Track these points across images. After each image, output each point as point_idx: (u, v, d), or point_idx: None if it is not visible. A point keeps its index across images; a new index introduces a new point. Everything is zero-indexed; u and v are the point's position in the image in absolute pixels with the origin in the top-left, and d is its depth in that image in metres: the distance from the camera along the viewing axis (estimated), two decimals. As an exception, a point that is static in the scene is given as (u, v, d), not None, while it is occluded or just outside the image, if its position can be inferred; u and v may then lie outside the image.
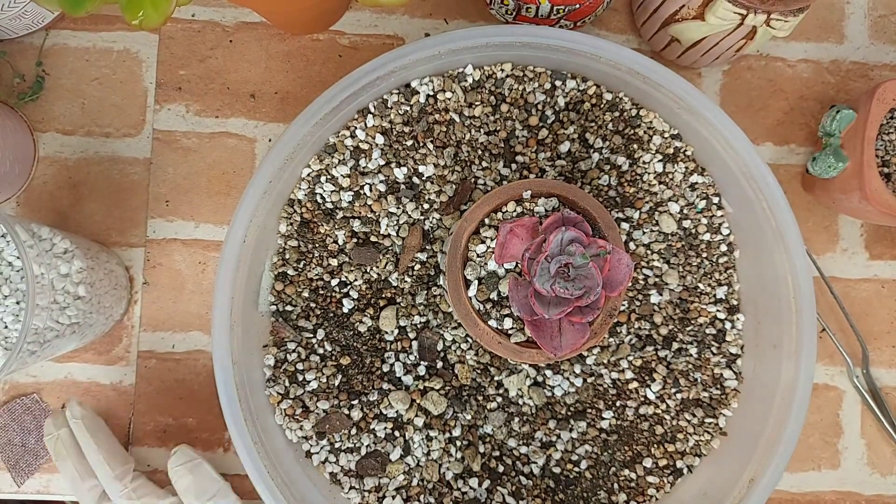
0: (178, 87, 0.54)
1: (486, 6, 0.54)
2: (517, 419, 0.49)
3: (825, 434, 0.54)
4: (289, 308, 0.49)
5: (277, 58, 0.54)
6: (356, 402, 0.48)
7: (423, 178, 0.48)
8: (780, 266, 0.46)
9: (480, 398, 0.49)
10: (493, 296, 0.41)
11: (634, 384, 0.49)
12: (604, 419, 0.49)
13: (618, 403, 0.49)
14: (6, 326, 0.43)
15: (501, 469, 0.49)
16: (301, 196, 0.49)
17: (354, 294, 0.49)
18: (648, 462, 0.49)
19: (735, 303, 0.50)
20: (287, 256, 0.49)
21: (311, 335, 0.49)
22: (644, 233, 0.49)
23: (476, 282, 0.41)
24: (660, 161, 0.49)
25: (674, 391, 0.49)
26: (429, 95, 0.48)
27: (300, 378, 0.49)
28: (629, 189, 0.49)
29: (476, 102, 0.48)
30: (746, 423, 0.48)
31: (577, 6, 0.47)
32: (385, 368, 0.49)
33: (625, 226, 0.49)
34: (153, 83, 0.54)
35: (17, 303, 0.43)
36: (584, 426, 0.49)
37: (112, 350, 0.53)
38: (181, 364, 0.53)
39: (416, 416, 0.48)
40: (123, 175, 0.54)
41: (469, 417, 0.48)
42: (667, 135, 0.49)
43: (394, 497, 0.48)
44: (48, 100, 0.54)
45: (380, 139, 0.48)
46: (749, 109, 0.56)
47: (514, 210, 0.42)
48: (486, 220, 0.43)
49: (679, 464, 0.49)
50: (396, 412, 0.48)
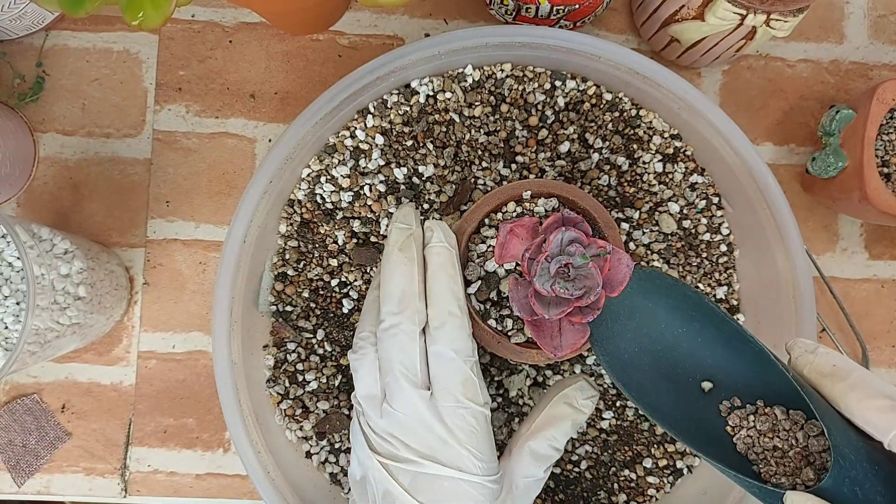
0: (178, 88, 0.54)
1: (486, 6, 0.54)
2: (517, 419, 0.49)
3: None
4: (289, 308, 0.49)
5: (277, 58, 0.54)
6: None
7: (423, 179, 0.48)
8: (780, 266, 0.46)
9: (480, 398, 0.49)
10: (493, 295, 0.41)
11: (634, 384, 0.49)
12: (604, 419, 0.49)
13: (618, 403, 0.49)
14: (6, 327, 0.43)
15: (501, 469, 0.49)
16: (301, 196, 0.49)
17: (354, 294, 0.49)
18: (648, 462, 0.49)
19: (735, 303, 0.50)
20: (287, 256, 0.49)
21: (311, 335, 0.49)
22: (644, 233, 0.49)
23: (476, 281, 0.41)
24: (660, 161, 0.49)
25: (674, 391, 0.49)
26: (429, 95, 0.48)
27: (300, 378, 0.49)
28: (629, 189, 0.49)
29: (476, 102, 0.48)
30: (746, 423, 0.48)
31: (577, 6, 0.47)
32: (385, 368, 0.49)
33: (625, 226, 0.49)
34: (153, 83, 0.54)
35: (18, 303, 0.43)
36: (585, 426, 0.49)
37: (112, 350, 0.53)
38: (181, 364, 0.53)
39: (417, 417, 0.48)
40: (124, 175, 0.54)
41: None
42: (667, 135, 0.49)
43: None
44: (48, 100, 0.54)
45: (380, 139, 0.48)
46: (749, 109, 0.56)
47: (515, 210, 0.42)
48: (487, 221, 0.43)
49: (679, 464, 0.49)
50: (396, 412, 0.48)
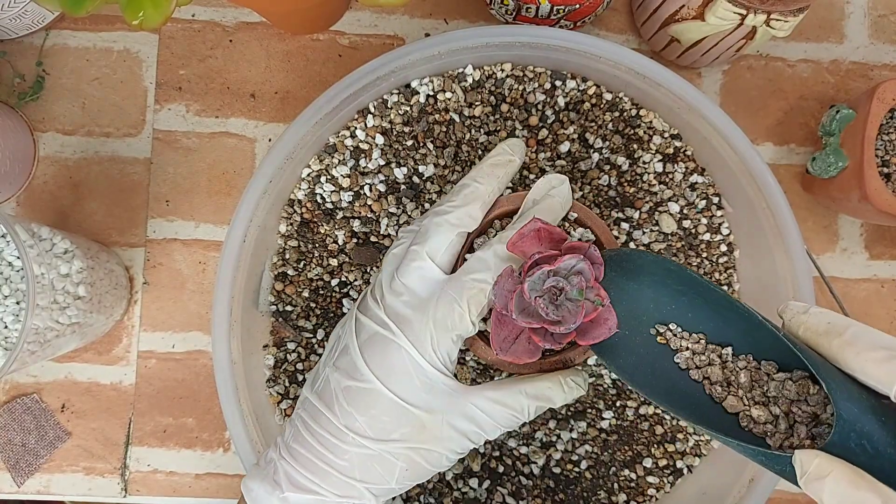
0: (179, 87, 0.54)
1: (486, 6, 0.54)
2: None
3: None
4: (289, 308, 0.49)
5: (277, 58, 0.54)
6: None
7: (424, 178, 0.48)
8: (780, 266, 0.46)
9: (480, 398, 0.49)
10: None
11: (634, 384, 0.49)
12: (604, 419, 0.49)
13: (618, 403, 0.49)
14: (6, 326, 0.43)
15: (501, 469, 0.49)
16: (301, 196, 0.49)
17: (354, 294, 0.49)
18: (648, 462, 0.49)
19: (735, 303, 0.50)
20: (287, 256, 0.49)
21: (311, 335, 0.49)
22: (644, 233, 0.49)
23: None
24: (660, 161, 0.49)
25: (674, 391, 0.49)
26: (429, 95, 0.48)
27: (300, 378, 0.49)
28: (629, 189, 0.49)
29: (476, 102, 0.48)
30: (746, 423, 0.48)
31: (577, 6, 0.47)
32: (385, 368, 0.49)
33: (625, 226, 0.49)
34: (153, 83, 0.54)
35: (18, 303, 0.43)
36: (585, 426, 0.49)
37: (112, 350, 0.53)
38: (181, 364, 0.53)
39: (416, 416, 0.48)
40: (123, 175, 0.54)
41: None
42: (667, 135, 0.49)
43: (394, 497, 0.48)
44: (48, 100, 0.54)
45: (380, 139, 0.48)
46: (749, 109, 0.56)
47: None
48: (497, 223, 0.42)
49: (679, 464, 0.49)
50: (396, 412, 0.48)
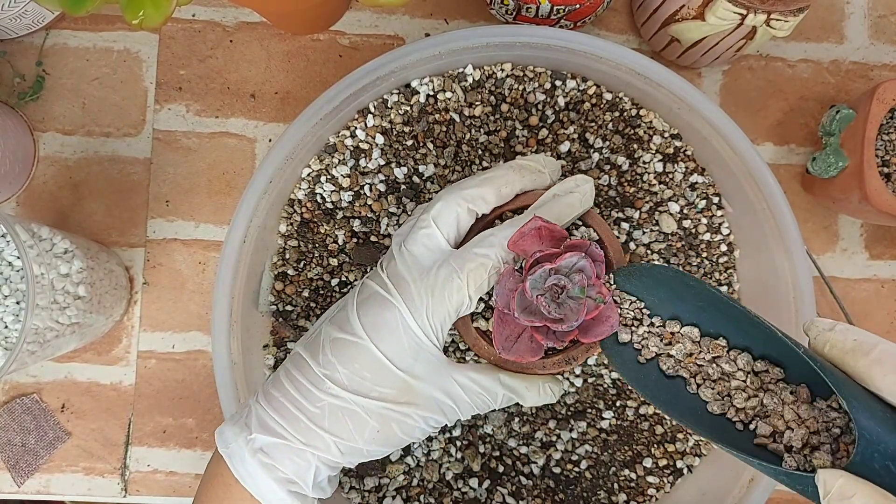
0: (179, 87, 0.54)
1: (486, 6, 0.54)
2: (517, 419, 0.49)
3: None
4: (289, 308, 0.49)
5: (277, 58, 0.54)
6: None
7: (424, 178, 0.48)
8: (780, 266, 0.46)
9: (480, 398, 0.49)
10: (486, 296, 0.40)
11: (634, 384, 0.49)
12: (604, 419, 0.49)
13: (618, 403, 0.49)
14: (6, 326, 0.43)
15: (501, 469, 0.49)
16: (301, 196, 0.49)
17: (354, 294, 0.49)
18: (648, 462, 0.49)
19: (735, 303, 0.50)
20: (287, 256, 0.49)
21: (311, 335, 0.49)
22: (644, 233, 0.49)
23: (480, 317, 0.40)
24: (660, 161, 0.49)
25: (674, 391, 0.49)
26: (429, 95, 0.48)
27: (300, 378, 0.49)
28: (629, 189, 0.49)
29: (476, 102, 0.48)
30: (746, 423, 0.48)
31: (577, 6, 0.47)
32: (385, 368, 0.49)
33: (625, 226, 0.48)
34: (153, 83, 0.54)
35: (17, 303, 0.43)
36: (585, 426, 0.49)
37: (112, 350, 0.53)
38: (181, 364, 0.53)
39: (416, 416, 0.48)
40: (123, 175, 0.54)
41: (469, 417, 0.48)
42: (667, 135, 0.49)
43: (394, 497, 0.48)
44: (48, 100, 0.54)
45: (380, 139, 0.48)
46: (749, 109, 0.56)
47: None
48: (501, 218, 0.42)
49: (679, 464, 0.49)
50: (396, 412, 0.48)
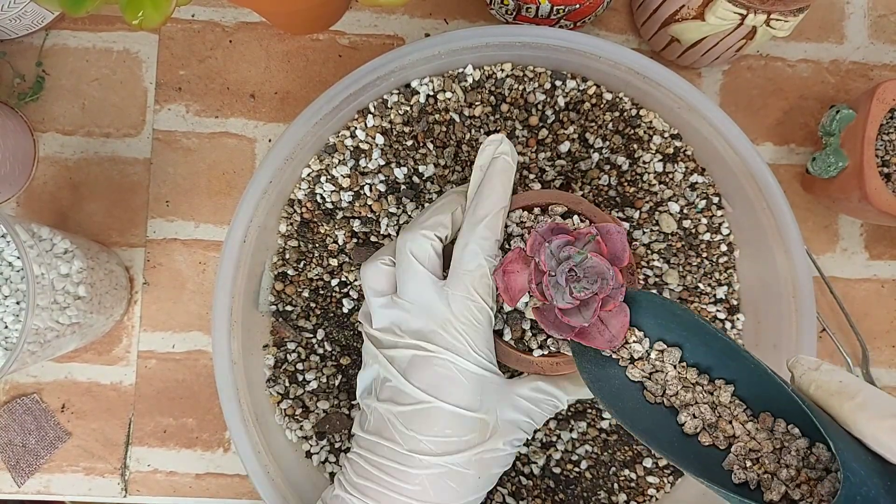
0: (178, 87, 0.54)
1: (486, 6, 0.54)
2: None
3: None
4: (289, 308, 0.49)
5: (277, 58, 0.54)
6: (356, 403, 0.48)
7: (424, 178, 0.48)
8: (780, 266, 0.46)
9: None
10: (526, 326, 0.40)
11: (634, 384, 0.49)
12: (604, 419, 0.49)
13: (618, 403, 0.49)
14: (6, 326, 0.43)
15: (501, 469, 0.49)
16: (301, 196, 0.49)
17: (354, 294, 0.49)
18: (648, 462, 0.49)
19: (735, 303, 0.50)
20: (287, 256, 0.49)
21: (311, 335, 0.49)
22: (644, 233, 0.49)
23: (504, 327, 0.40)
24: (660, 161, 0.49)
25: (674, 391, 0.49)
26: (429, 95, 0.48)
27: (300, 378, 0.49)
28: (629, 189, 0.49)
29: (476, 102, 0.48)
30: (746, 423, 0.48)
31: (577, 6, 0.47)
32: (385, 368, 0.49)
33: (625, 225, 0.48)
34: (153, 83, 0.54)
35: (18, 303, 0.43)
36: (585, 426, 0.49)
37: (112, 350, 0.53)
38: (181, 364, 0.53)
39: (417, 416, 0.48)
40: (123, 175, 0.54)
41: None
42: (667, 135, 0.49)
43: (394, 497, 0.48)
44: (48, 100, 0.54)
45: (380, 139, 0.48)
46: (749, 109, 0.56)
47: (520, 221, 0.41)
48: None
49: (679, 464, 0.49)
50: (396, 412, 0.48)
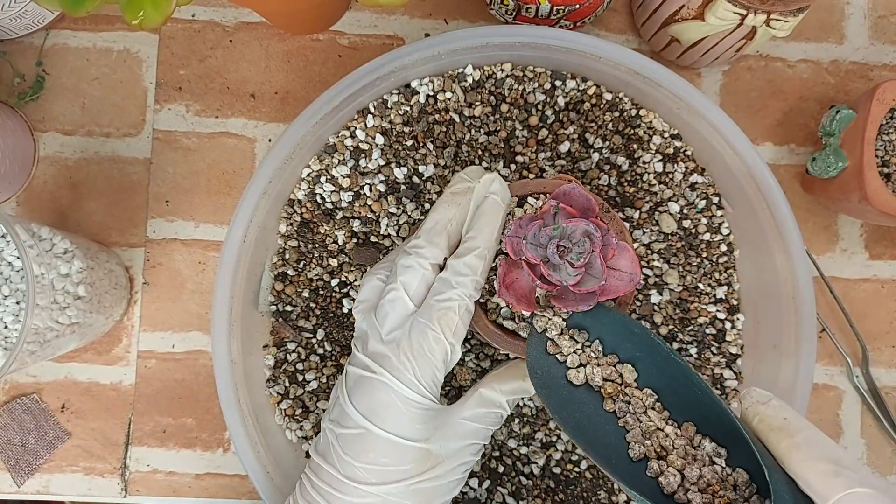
0: (178, 87, 0.54)
1: (486, 6, 0.54)
2: (517, 420, 0.49)
3: (825, 434, 0.54)
4: (289, 308, 0.49)
5: (277, 58, 0.54)
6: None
7: (424, 178, 0.48)
8: (780, 266, 0.46)
9: (480, 398, 0.48)
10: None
11: (634, 384, 0.49)
12: (604, 419, 0.49)
13: (618, 403, 0.49)
14: (6, 326, 0.43)
15: (501, 469, 0.49)
16: (301, 196, 0.49)
17: (354, 294, 0.49)
18: (648, 462, 0.49)
19: (735, 303, 0.50)
20: (287, 256, 0.49)
21: (311, 335, 0.49)
22: (644, 233, 0.49)
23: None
24: (660, 161, 0.49)
25: (674, 391, 0.49)
26: (429, 95, 0.48)
27: (300, 378, 0.49)
28: (629, 189, 0.49)
29: (476, 102, 0.48)
30: (746, 423, 0.48)
31: (577, 6, 0.47)
32: (385, 368, 0.49)
33: (625, 225, 0.49)
34: (153, 83, 0.54)
35: (17, 303, 0.43)
36: (584, 426, 0.49)
37: (112, 350, 0.53)
38: (181, 364, 0.53)
39: (416, 416, 0.48)
40: (123, 175, 0.54)
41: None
42: (667, 135, 0.49)
43: None
44: (48, 100, 0.54)
45: (380, 139, 0.48)
46: (749, 109, 0.56)
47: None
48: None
49: (679, 464, 0.49)
50: (396, 412, 0.48)
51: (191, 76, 0.54)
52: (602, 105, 0.49)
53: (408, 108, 0.48)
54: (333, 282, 0.49)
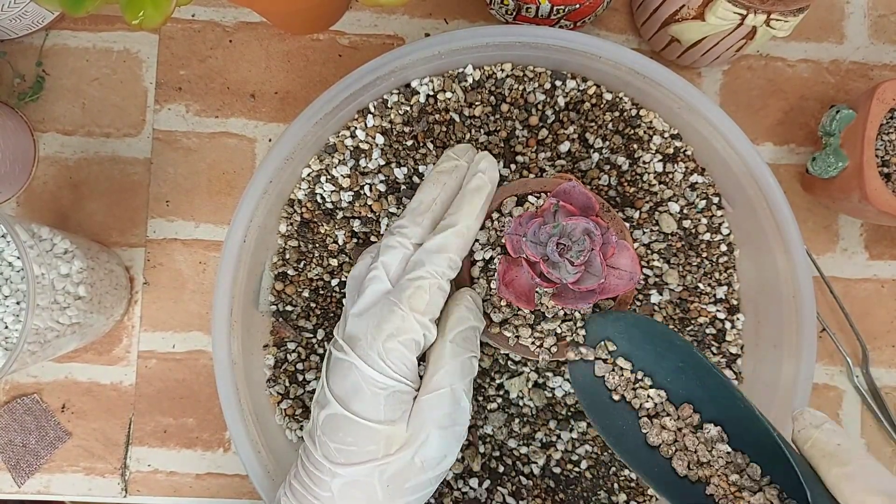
0: (179, 87, 0.54)
1: (486, 6, 0.54)
2: (518, 420, 0.49)
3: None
4: (289, 308, 0.49)
5: (277, 58, 0.54)
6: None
7: (424, 178, 0.48)
8: (780, 266, 0.46)
9: (481, 399, 0.49)
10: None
11: (634, 384, 0.49)
12: (604, 419, 0.49)
13: (618, 403, 0.49)
14: (6, 327, 0.43)
15: (501, 469, 0.49)
16: (301, 196, 0.49)
17: (354, 294, 0.49)
18: (648, 462, 0.49)
19: (735, 303, 0.50)
20: (287, 256, 0.49)
21: (312, 335, 0.49)
22: (644, 233, 0.49)
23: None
24: (660, 161, 0.49)
25: (674, 391, 0.49)
26: (429, 95, 0.48)
27: (300, 378, 0.49)
28: (629, 189, 0.49)
29: (476, 102, 0.48)
30: (746, 423, 0.48)
31: (577, 6, 0.47)
32: (385, 368, 0.49)
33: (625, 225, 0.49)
34: (153, 83, 0.54)
35: (18, 303, 0.43)
36: (585, 426, 0.49)
37: (112, 350, 0.53)
38: (181, 364, 0.53)
39: (417, 416, 0.48)
40: (124, 175, 0.54)
41: (469, 418, 0.48)
42: (667, 135, 0.49)
43: None
44: (48, 100, 0.54)
45: (380, 139, 0.48)
46: (749, 109, 0.56)
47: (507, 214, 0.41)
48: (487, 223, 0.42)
49: (679, 464, 0.49)
50: (396, 412, 0.48)
51: (191, 76, 0.54)
52: (602, 105, 0.49)
53: (408, 108, 0.48)
54: (334, 282, 0.49)
